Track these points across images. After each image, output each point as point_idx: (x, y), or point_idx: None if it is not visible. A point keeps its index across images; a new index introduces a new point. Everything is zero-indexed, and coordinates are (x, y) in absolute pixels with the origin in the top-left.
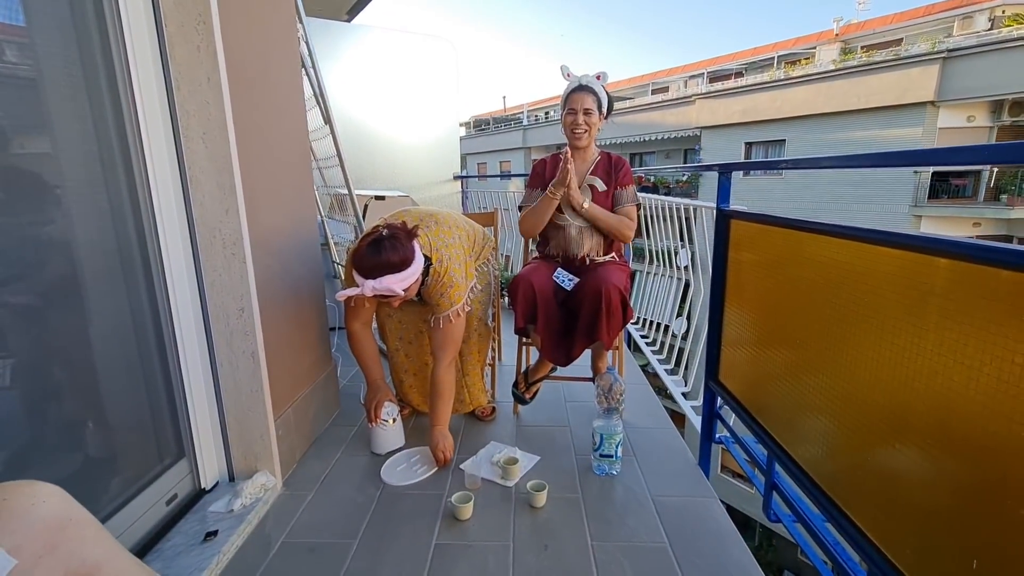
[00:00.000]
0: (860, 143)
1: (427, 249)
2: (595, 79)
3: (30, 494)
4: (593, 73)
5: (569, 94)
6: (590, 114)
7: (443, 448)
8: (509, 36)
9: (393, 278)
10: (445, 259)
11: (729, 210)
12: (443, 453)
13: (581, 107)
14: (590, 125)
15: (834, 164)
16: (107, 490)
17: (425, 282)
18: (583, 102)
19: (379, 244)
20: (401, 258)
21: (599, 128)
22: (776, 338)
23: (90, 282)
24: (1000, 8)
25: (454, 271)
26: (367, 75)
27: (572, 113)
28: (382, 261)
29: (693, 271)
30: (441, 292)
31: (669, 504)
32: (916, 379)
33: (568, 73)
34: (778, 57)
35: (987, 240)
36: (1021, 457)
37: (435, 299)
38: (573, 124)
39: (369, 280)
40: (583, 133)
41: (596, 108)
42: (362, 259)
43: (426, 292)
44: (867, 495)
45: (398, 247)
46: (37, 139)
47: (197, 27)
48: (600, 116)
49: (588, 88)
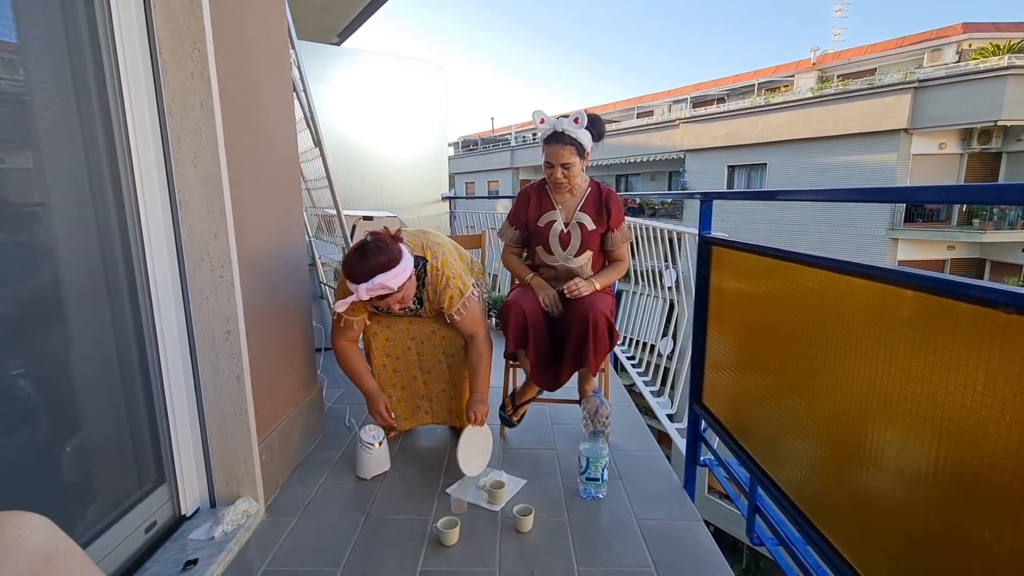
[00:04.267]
0: (838, 168)
1: (419, 250)
2: (572, 123)
3: (17, 525)
4: (571, 116)
5: (545, 145)
6: (569, 167)
7: (476, 411)
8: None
9: (384, 276)
10: (440, 255)
11: (711, 237)
12: (475, 415)
13: (558, 162)
14: (570, 177)
15: (807, 197)
16: (84, 517)
17: (425, 281)
18: (560, 156)
19: (364, 248)
20: (388, 257)
21: (584, 167)
22: (757, 362)
23: (73, 303)
24: (967, 42)
25: (452, 263)
26: (357, 97)
27: (550, 167)
28: (370, 264)
29: (678, 292)
30: (446, 284)
31: (655, 528)
32: (887, 405)
33: (542, 119)
34: (758, 84)
35: (962, 259)
36: (983, 482)
37: (441, 295)
38: (552, 178)
39: (362, 284)
40: (563, 185)
41: (576, 155)
42: (351, 265)
43: (430, 291)
44: (844, 518)
45: (383, 248)
46: (27, 158)
47: (191, 54)
48: (583, 160)
49: (564, 138)
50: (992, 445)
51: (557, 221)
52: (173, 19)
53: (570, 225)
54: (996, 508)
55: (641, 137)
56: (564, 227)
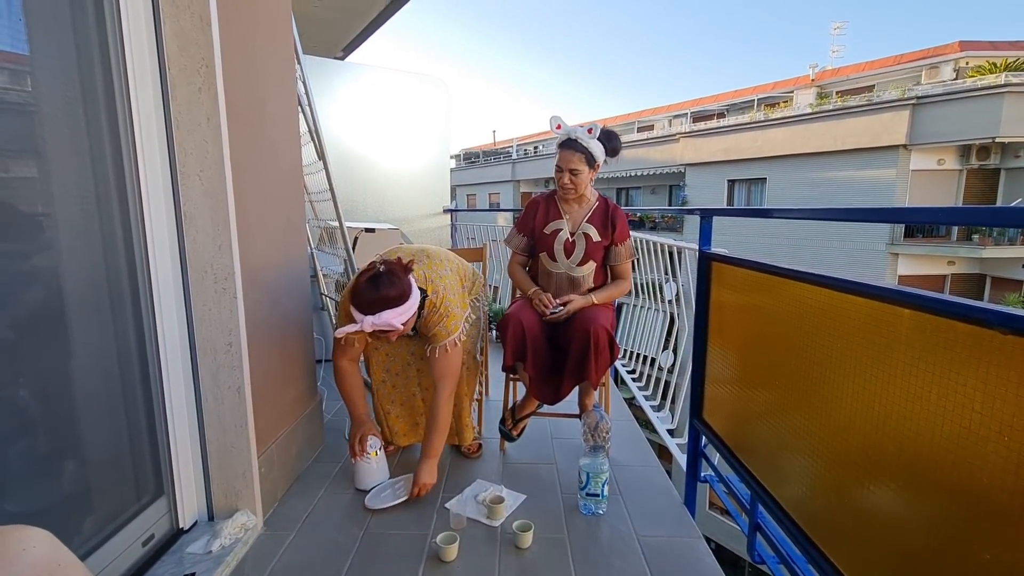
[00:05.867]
0: (838, 183)
1: (422, 281)
2: (586, 132)
3: (20, 539)
4: (586, 127)
5: (559, 150)
6: (577, 174)
7: (423, 484)
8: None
9: (391, 313)
10: (440, 290)
11: (711, 253)
12: (420, 489)
13: (567, 167)
14: (577, 184)
15: (805, 216)
16: (81, 530)
17: (421, 315)
18: (569, 162)
19: (377, 280)
20: (399, 292)
21: (592, 177)
22: (757, 379)
23: (76, 314)
24: (964, 60)
25: (449, 300)
26: (360, 111)
27: (559, 171)
28: (381, 296)
29: (678, 306)
30: (437, 322)
31: (655, 544)
32: (887, 423)
33: (558, 124)
34: (758, 100)
35: (963, 275)
36: (983, 502)
37: (432, 329)
38: (560, 182)
39: (368, 316)
40: (570, 190)
41: (586, 164)
42: (361, 295)
43: (422, 324)
44: (844, 536)
45: (395, 282)
46: (38, 169)
47: (200, 70)
48: (592, 170)
49: (576, 145)
50: (991, 465)
51: (563, 230)
52: (182, 36)
53: (576, 235)
54: (996, 528)
55: (642, 151)
56: (570, 236)
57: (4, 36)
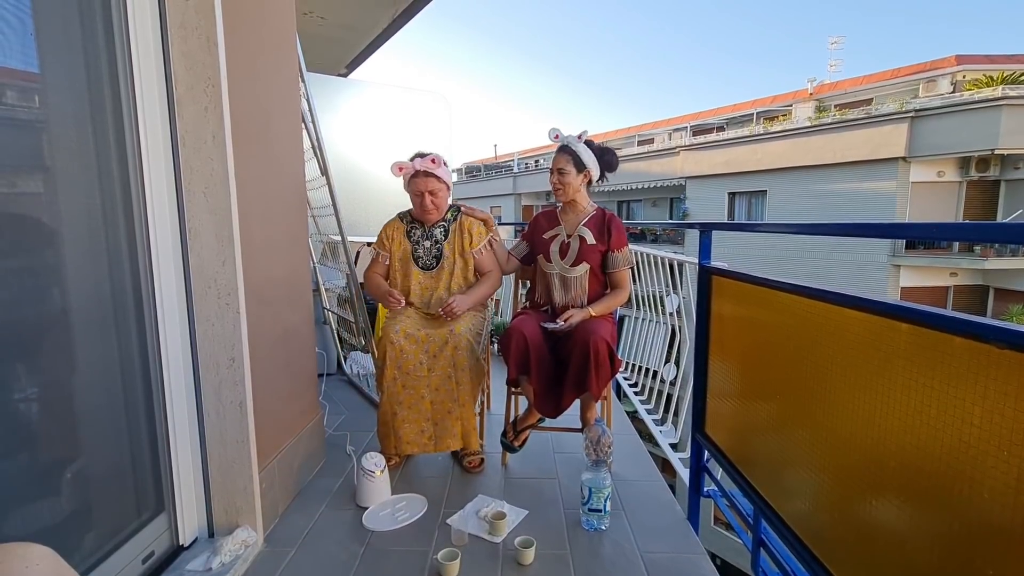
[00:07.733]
0: (839, 195)
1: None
2: (576, 139)
3: (23, 556)
4: (576, 133)
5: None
6: (564, 173)
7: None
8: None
9: (437, 165)
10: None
11: (711, 266)
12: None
13: (555, 166)
14: (564, 184)
15: (802, 231)
16: (81, 546)
17: (458, 217)
18: (556, 162)
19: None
20: (444, 162)
21: (582, 183)
22: (758, 392)
23: (80, 328)
24: (961, 73)
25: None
26: (363, 126)
27: (550, 173)
28: (431, 155)
29: (680, 318)
30: (472, 224)
31: (658, 561)
32: (888, 437)
33: (556, 135)
34: (757, 113)
35: (966, 287)
36: (985, 517)
37: (473, 228)
38: (550, 180)
39: (418, 159)
40: (559, 190)
41: (572, 166)
42: (415, 154)
43: (457, 226)
44: (848, 552)
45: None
46: (45, 185)
47: (206, 89)
48: (582, 175)
49: (564, 148)
50: (991, 480)
51: (560, 235)
52: (190, 56)
53: (571, 237)
54: (998, 544)
55: (642, 164)
56: (566, 238)
57: (16, 54)
